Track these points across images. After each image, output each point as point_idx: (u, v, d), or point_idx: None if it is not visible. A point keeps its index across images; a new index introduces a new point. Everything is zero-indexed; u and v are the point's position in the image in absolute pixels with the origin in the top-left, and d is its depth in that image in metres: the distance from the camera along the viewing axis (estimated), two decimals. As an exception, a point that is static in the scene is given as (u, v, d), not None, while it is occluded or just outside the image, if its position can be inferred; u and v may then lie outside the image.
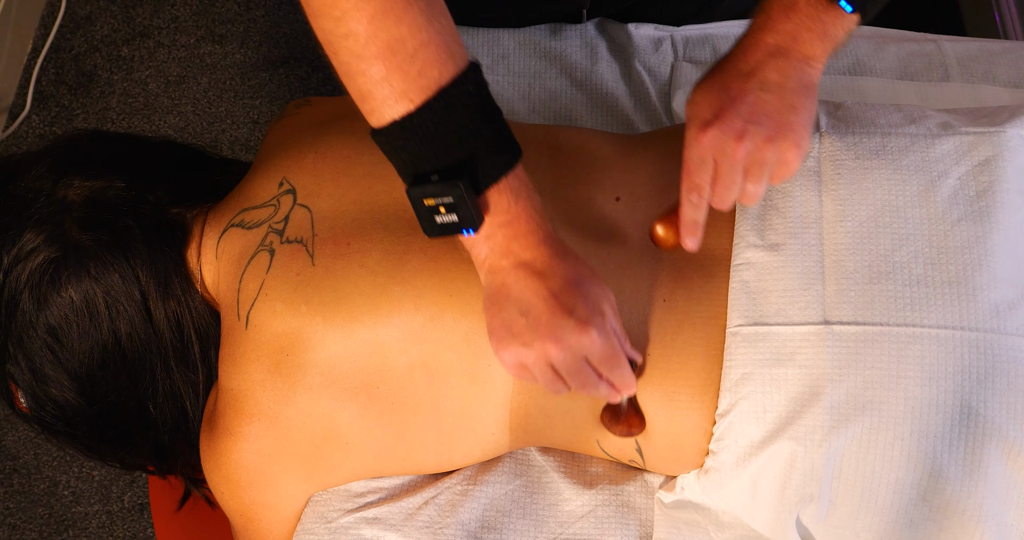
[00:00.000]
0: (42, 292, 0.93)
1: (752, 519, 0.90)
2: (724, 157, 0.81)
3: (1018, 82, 1.22)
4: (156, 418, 1.00)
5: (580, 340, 0.77)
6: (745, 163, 0.81)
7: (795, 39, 0.80)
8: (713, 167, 0.82)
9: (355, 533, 0.94)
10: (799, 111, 0.81)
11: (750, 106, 0.80)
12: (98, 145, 1.00)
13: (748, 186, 0.82)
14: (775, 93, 0.80)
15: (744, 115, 0.80)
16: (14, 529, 1.67)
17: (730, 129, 0.80)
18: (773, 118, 0.80)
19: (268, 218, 0.94)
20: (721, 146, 0.80)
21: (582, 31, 1.26)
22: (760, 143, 0.80)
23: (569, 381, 0.79)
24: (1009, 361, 0.82)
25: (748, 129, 0.80)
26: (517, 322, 0.78)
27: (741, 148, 0.80)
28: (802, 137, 0.81)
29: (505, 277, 0.78)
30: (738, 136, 0.80)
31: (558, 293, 0.77)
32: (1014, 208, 0.87)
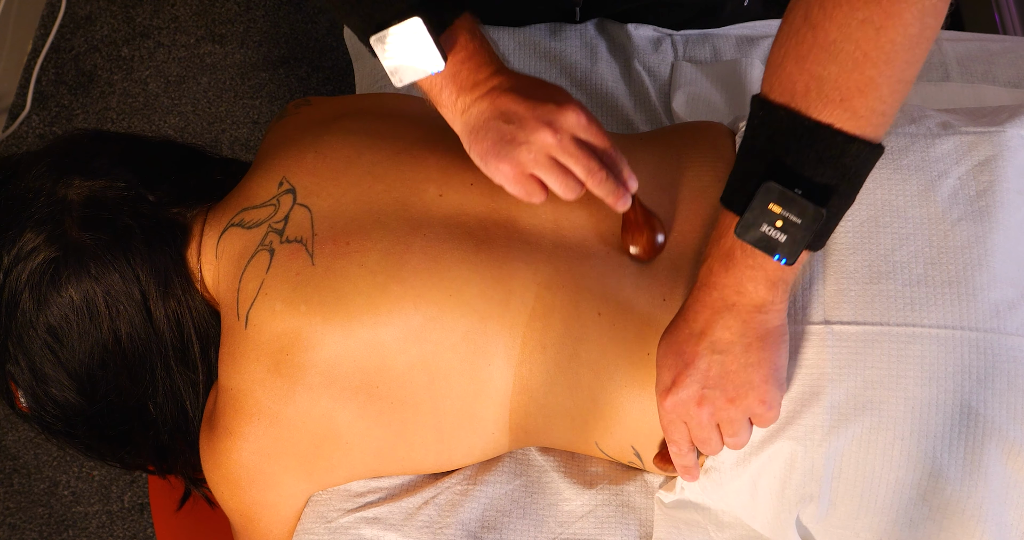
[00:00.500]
0: (42, 292, 0.93)
1: (752, 519, 0.90)
2: (690, 420, 0.81)
3: (1018, 82, 1.22)
4: (156, 418, 1.00)
5: (567, 117, 0.81)
6: (714, 422, 0.81)
7: (739, 292, 0.77)
8: (685, 427, 0.82)
9: (355, 533, 0.94)
10: (758, 366, 0.78)
11: (704, 371, 0.79)
12: (98, 145, 1.00)
13: (727, 439, 0.82)
14: (728, 353, 0.78)
15: (699, 380, 0.79)
16: (14, 529, 1.67)
17: (688, 396, 0.80)
18: (730, 379, 0.79)
19: (268, 218, 0.94)
20: (684, 411, 0.81)
21: (582, 31, 1.26)
22: (722, 404, 0.79)
23: (575, 167, 0.81)
24: (1009, 361, 0.82)
25: (705, 394, 0.79)
26: (504, 131, 0.81)
27: (703, 412, 0.80)
28: (766, 392, 0.79)
29: (479, 106, 0.83)
30: (697, 402, 0.80)
31: (533, 93, 0.83)
32: (1014, 208, 0.87)
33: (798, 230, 0.73)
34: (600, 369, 0.88)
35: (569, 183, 0.82)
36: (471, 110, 0.84)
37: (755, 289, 0.76)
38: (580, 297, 0.89)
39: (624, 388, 0.88)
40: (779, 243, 0.73)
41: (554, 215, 0.92)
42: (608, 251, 0.91)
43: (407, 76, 0.83)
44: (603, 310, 0.89)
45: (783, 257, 0.74)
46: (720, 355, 0.78)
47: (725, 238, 0.77)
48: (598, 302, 0.89)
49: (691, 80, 1.22)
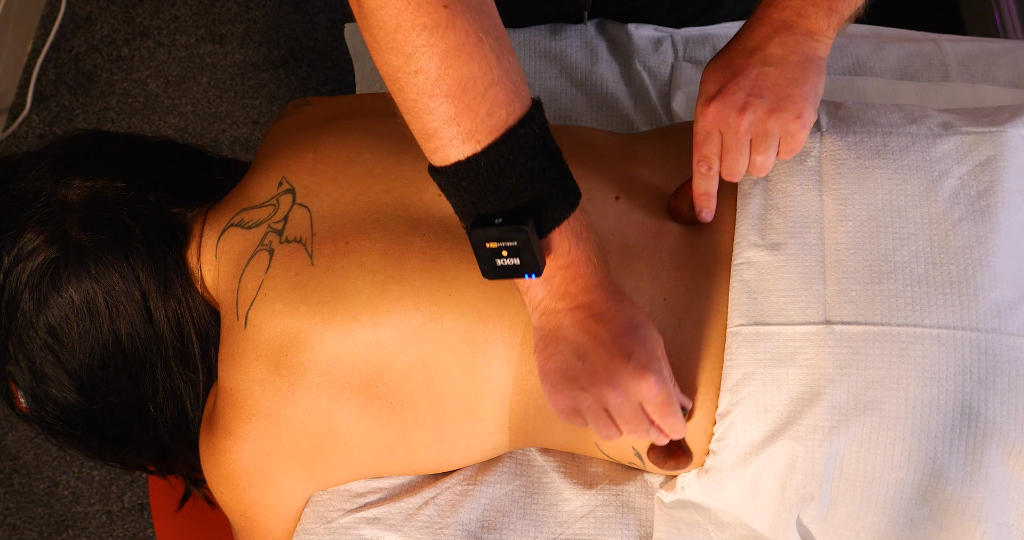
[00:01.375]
0: (42, 292, 0.93)
1: (752, 519, 0.90)
2: (728, 129, 0.83)
3: (1018, 82, 1.22)
4: (156, 418, 1.00)
5: (639, 386, 0.76)
6: (750, 135, 0.83)
7: (800, 14, 0.81)
8: (720, 139, 0.84)
9: (355, 533, 0.94)
10: (801, 83, 0.82)
11: (752, 80, 0.82)
12: (98, 145, 1.00)
13: (755, 157, 0.84)
14: (777, 67, 0.82)
15: (746, 88, 0.82)
16: (14, 529, 1.67)
17: (732, 102, 0.82)
18: (775, 91, 0.82)
19: (267, 218, 0.94)
20: (724, 119, 0.83)
21: (582, 31, 1.26)
22: (762, 115, 0.82)
23: (622, 426, 0.79)
24: (1010, 361, 0.82)
25: (750, 102, 0.82)
26: (573, 366, 0.77)
27: (743, 120, 0.82)
28: (804, 108, 0.82)
29: (561, 319, 0.77)
30: (740, 109, 0.82)
31: (616, 337, 0.76)
32: (1015, 208, 0.87)
33: None
34: (600, 369, 0.88)
35: (611, 432, 0.80)
36: (551, 319, 0.78)
37: (814, 14, 0.80)
38: (580, 297, 0.89)
39: (624, 388, 0.88)
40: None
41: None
42: (609, 251, 0.91)
43: (496, 274, 0.76)
44: (603, 310, 0.89)
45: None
46: (770, 67, 0.81)
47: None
48: (598, 302, 0.89)
49: (691, 80, 1.22)
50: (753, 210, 0.90)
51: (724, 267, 0.89)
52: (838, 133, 0.92)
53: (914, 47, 1.26)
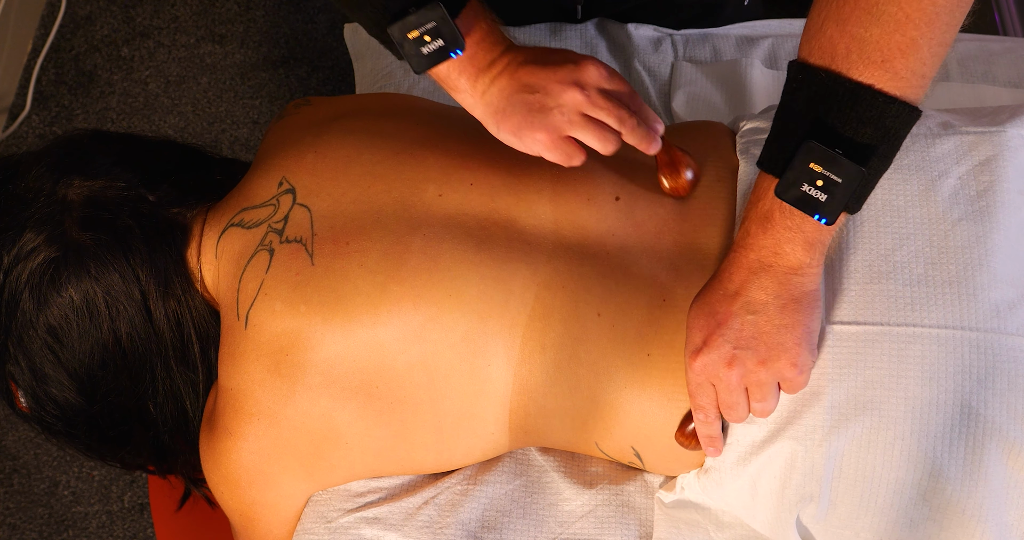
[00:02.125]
0: (42, 292, 0.93)
1: (752, 519, 0.90)
2: (719, 382, 0.81)
3: (1018, 82, 1.22)
4: (156, 418, 1.00)
5: (589, 72, 0.83)
6: (743, 386, 0.81)
7: (776, 253, 0.77)
8: (713, 391, 0.82)
9: (355, 533, 0.94)
10: (792, 328, 0.78)
11: (737, 331, 0.79)
12: (98, 145, 1.00)
13: (755, 405, 0.82)
14: (762, 314, 0.78)
15: (732, 340, 0.79)
16: (14, 529, 1.67)
17: (719, 356, 0.79)
18: (763, 340, 0.79)
19: (268, 218, 0.94)
20: (714, 372, 0.80)
21: (582, 31, 1.26)
22: (752, 366, 0.79)
23: (608, 118, 0.84)
24: (1009, 361, 0.82)
25: (736, 355, 0.79)
26: (531, 101, 0.83)
27: (733, 374, 0.79)
28: (798, 355, 0.79)
29: (499, 83, 0.85)
30: (728, 362, 0.79)
31: (548, 61, 0.84)
32: (1015, 208, 0.87)
33: (839, 189, 0.73)
34: (600, 370, 0.88)
35: (607, 135, 0.85)
36: (491, 90, 0.85)
37: (792, 251, 0.76)
38: (580, 298, 0.89)
39: (624, 389, 0.88)
40: (819, 202, 0.73)
41: (554, 215, 0.92)
42: (608, 252, 0.91)
43: (427, 63, 0.84)
44: (603, 310, 0.89)
45: (823, 217, 0.74)
46: (754, 315, 0.78)
47: (764, 200, 0.77)
48: (598, 303, 0.89)
49: (691, 80, 1.22)
50: (753, 210, 0.90)
51: (724, 267, 0.89)
52: (838, 133, 0.92)
53: (914, 47, 1.25)
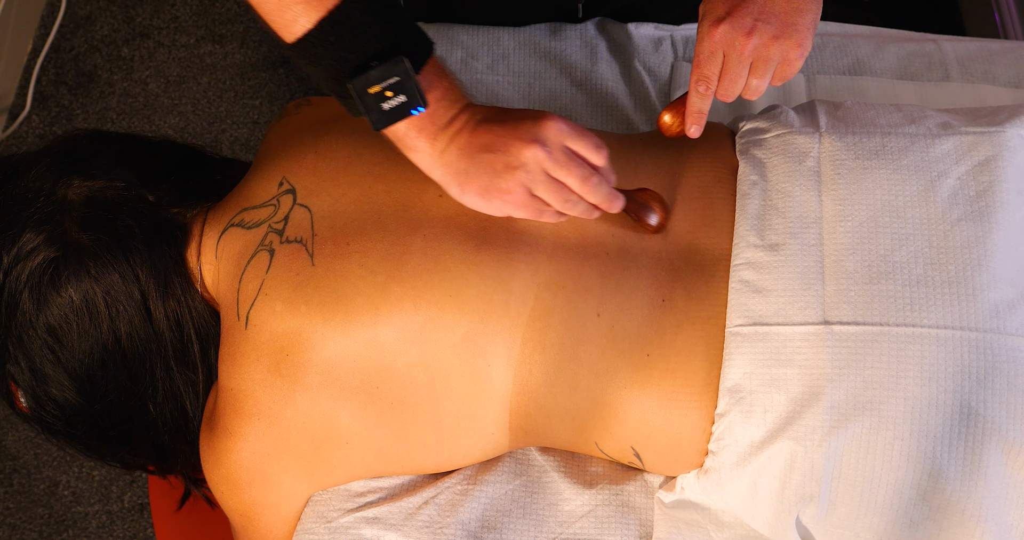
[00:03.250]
0: (42, 292, 0.93)
1: (752, 519, 0.90)
2: (733, 51, 0.86)
3: (1018, 82, 1.22)
4: (156, 418, 1.00)
5: (549, 129, 0.84)
6: (751, 58, 0.86)
7: None
8: (722, 60, 0.87)
9: (355, 533, 0.94)
10: (804, 13, 0.85)
11: (760, 5, 0.85)
12: (98, 145, 1.00)
13: (752, 80, 0.87)
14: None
15: (754, 13, 0.85)
16: (14, 529, 1.67)
17: (740, 25, 0.85)
18: (780, 18, 0.85)
19: (268, 218, 0.94)
20: (731, 40, 0.86)
21: (582, 31, 1.26)
22: (767, 40, 0.85)
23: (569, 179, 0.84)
24: (1009, 361, 0.82)
25: (757, 26, 0.85)
26: (494, 162, 0.84)
27: (749, 43, 0.85)
28: (805, 37, 0.86)
29: (458, 142, 0.84)
30: (747, 32, 0.85)
31: (505, 119, 0.85)
32: (1014, 208, 0.87)
33: None
34: (600, 370, 0.88)
35: (568, 196, 0.86)
36: (450, 149, 0.85)
37: None
38: (580, 298, 0.89)
39: (624, 389, 0.88)
40: None
41: (554, 215, 0.92)
42: (608, 252, 0.91)
43: (387, 119, 0.82)
44: (603, 311, 0.89)
45: None
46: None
47: None
48: (598, 303, 0.89)
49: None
50: (752, 210, 0.90)
51: (723, 267, 0.89)
52: (837, 134, 0.92)
53: (914, 47, 1.26)
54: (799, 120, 0.96)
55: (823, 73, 1.24)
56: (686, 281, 0.89)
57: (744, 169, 0.93)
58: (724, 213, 0.92)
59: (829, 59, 1.25)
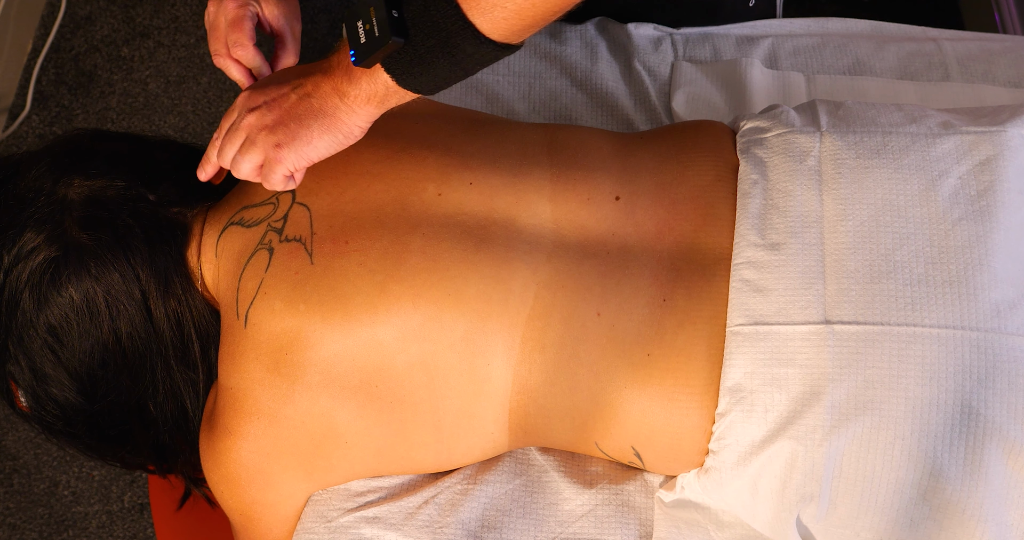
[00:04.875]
0: (42, 291, 0.93)
1: (752, 518, 0.90)
2: (238, 118, 0.87)
3: (1018, 82, 1.22)
4: (156, 417, 1.00)
5: None
6: (246, 133, 0.86)
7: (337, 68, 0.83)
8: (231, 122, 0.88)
9: (355, 532, 0.94)
10: (304, 126, 0.84)
11: (276, 96, 0.86)
12: (98, 144, 1.00)
13: (237, 155, 0.87)
14: (299, 98, 0.84)
15: (268, 99, 0.86)
16: (14, 529, 1.67)
17: (253, 100, 0.87)
18: (282, 115, 0.85)
19: (267, 216, 0.94)
20: (242, 108, 0.87)
21: (582, 31, 1.26)
22: (260, 126, 0.85)
23: None
24: (1009, 361, 0.82)
25: (262, 109, 0.85)
26: None
27: (247, 118, 0.86)
28: (288, 141, 0.84)
29: None
30: (253, 108, 0.86)
31: None
32: (1015, 207, 0.87)
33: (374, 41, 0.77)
34: (599, 369, 0.88)
35: None
36: None
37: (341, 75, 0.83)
38: (579, 297, 0.89)
39: (623, 389, 0.88)
40: (358, 41, 0.79)
41: (554, 215, 0.92)
42: (608, 251, 0.91)
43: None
44: (602, 310, 0.89)
45: (354, 54, 0.80)
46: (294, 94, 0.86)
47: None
48: (597, 302, 0.89)
49: (691, 80, 1.22)
50: (753, 210, 0.90)
51: (724, 267, 0.89)
52: (838, 133, 0.92)
53: (914, 47, 1.26)
54: (800, 119, 0.96)
55: (823, 73, 1.24)
56: (687, 280, 0.89)
57: (745, 168, 0.93)
58: (725, 212, 0.92)
59: (829, 59, 1.25)
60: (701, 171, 0.94)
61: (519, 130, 1.00)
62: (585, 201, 0.93)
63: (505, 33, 0.76)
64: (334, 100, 0.83)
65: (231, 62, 0.94)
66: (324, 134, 0.84)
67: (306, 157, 0.85)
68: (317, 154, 0.85)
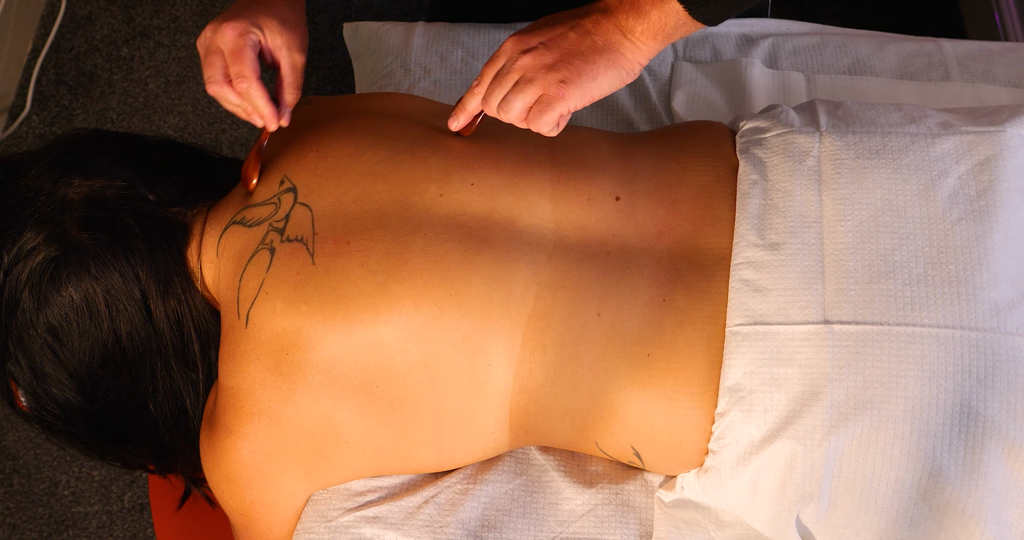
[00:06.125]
0: (42, 291, 0.93)
1: (752, 518, 0.90)
2: (508, 61, 0.87)
3: (1018, 82, 1.22)
4: (156, 417, 1.00)
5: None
6: (519, 74, 0.86)
7: (619, 5, 0.84)
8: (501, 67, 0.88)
9: (355, 532, 0.94)
10: (588, 62, 0.85)
11: (552, 36, 0.86)
12: (98, 144, 1.00)
13: (510, 96, 0.87)
14: (579, 36, 0.85)
15: (544, 40, 0.86)
16: (14, 529, 1.67)
17: (525, 42, 0.87)
18: (563, 52, 0.85)
19: (269, 216, 0.94)
20: (512, 52, 0.87)
21: (582, 31, 1.26)
22: (539, 64, 0.85)
23: None
24: (1009, 360, 0.82)
25: (538, 48, 0.86)
26: None
27: (522, 60, 0.86)
28: (573, 78, 0.84)
29: None
30: (527, 50, 0.86)
31: None
32: (1014, 207, 0.87)
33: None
34: (600, 369, 0.88)
35: None
36: None
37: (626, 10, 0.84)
38: (580, 297, 0.89)
39: (624, 389, 0.88)
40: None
41: (555, 215, 0.92)
42: (609, 252, 0.91)
43: None
44: (603, 310, 0.89)
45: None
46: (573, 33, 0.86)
47: None
48: (598, 302, 0.89)
49: (691, 80, 1.22)
50: (752, 210, 0.90)
51: (724, 267, 0.89)
52: (837, 133, 0.93)
53: (914, 47, 1.26)
54: (799, 119, 0.96)
55: (823, 73, 1.24)
56: (687, 280, 0.89)
57: (744, 168, 0.93)
58: (724, 212, 0.92)
59: (829, 59, 1.25)
60: (701, 171, 0.94)
61: (520, 130, 1.00)
62: (585, 201, 0.93)
63: None
64: (617, 36, 0.84)
65: (230, 90, 0.92)
66: (609, 69, 0.84)
67: (590, 94, 0.85)
68: (601, 91, 0.85)
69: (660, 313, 0.88)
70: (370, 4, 2.06)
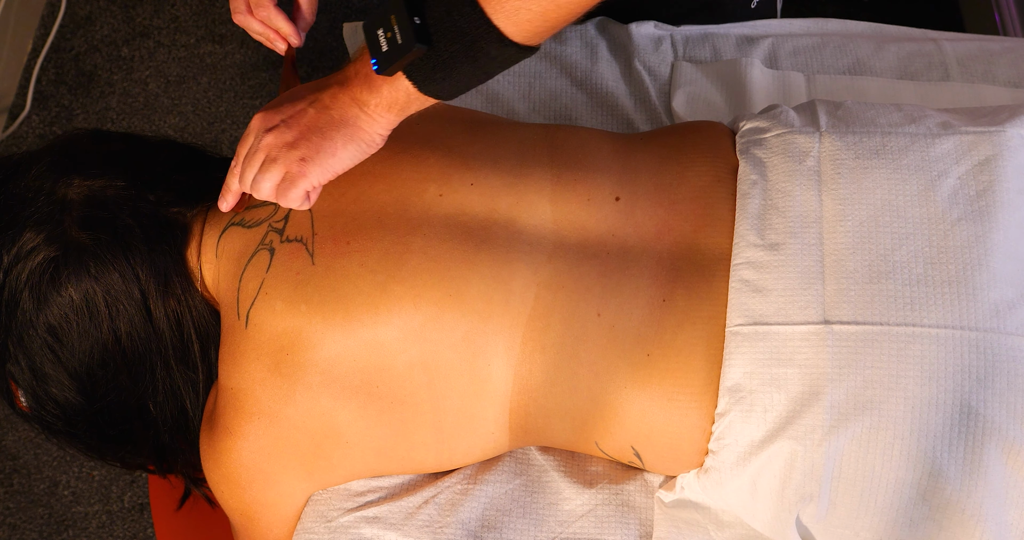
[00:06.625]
0: (42, 291, 0.93)
1: (752, 518, 0.90)
2: (256, 140, 0.86)
3: (1018, 82, 1.22)
4: (156, 417, 1.00)
5: None
6: (266, 153, 0.85)
7: (353, 74, 0.83)
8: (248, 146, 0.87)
9: (355, 532, 0.94)
10: (327, 138, 0.83)
11: (293, 113, 0.85)
12: (98, 144, 1.00)
13: (258, 175, 0.86)
14: (317, 112, 0.84)
15: (285, 117, 0.85)
16: (14, 529, 1.67)
17: (269, 120, 0.85)
18: (303, 129, 0.84)
19: (268, 217, 0.94)
20: (258, 130, 0.86)
21: (582, 32, 1.26)
22: (280, 143, 0.84)
23: None
24: (1009, 361, 0.82)
25: (280, 128, 0.84)
26: None
27: (265, 139, 0.85)
28: (312, 155, 0.83)
29: None
30: (270, 128, 0.85)
31: None
32: (1014, 207, 0.87)
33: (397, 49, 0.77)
34: (600, 369, 0.88)
35: None
36: None
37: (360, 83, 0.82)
38: (580, 297, 0.89)
39: (624, 389, 0.88)
40: (380, 49, 0.78)
41: (554, 215, 0.92)
42: (608, 252, 0.91)
43: None
44: (603, 311, 0.89)
45: (376, 62, 0.79)
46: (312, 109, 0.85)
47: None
48: (598, 302, 0.89)
49: (691, 80, 1.22)
50: (752, 210, 0.90)
51: (723, 267, 0.89)
52: (837, 133, 0.92)
53: (914, 47, 1.26)
54: (799, 120, 0.96)
55: (823, 73, 1.24)
56: (686, 281, 0.89)
57: (744, 169, 0.93)
58: (724, 213, 0.92)
59: (829, 59, 1.25)
60: (701, 172, 0.94)
61: (520, 130, 1.00)
62: (585, 202, 0.93)
63: (529, 35, 0.76)
64: (354, 110, 0.83)
65: (252, 19, 0.95)
66: (348, 144, 0.84)
67: (331, 169, 0.84)
68: (342, 165, 0.84)
69: (660, 313, 0.88)
70: (370, 4, 2.06)
